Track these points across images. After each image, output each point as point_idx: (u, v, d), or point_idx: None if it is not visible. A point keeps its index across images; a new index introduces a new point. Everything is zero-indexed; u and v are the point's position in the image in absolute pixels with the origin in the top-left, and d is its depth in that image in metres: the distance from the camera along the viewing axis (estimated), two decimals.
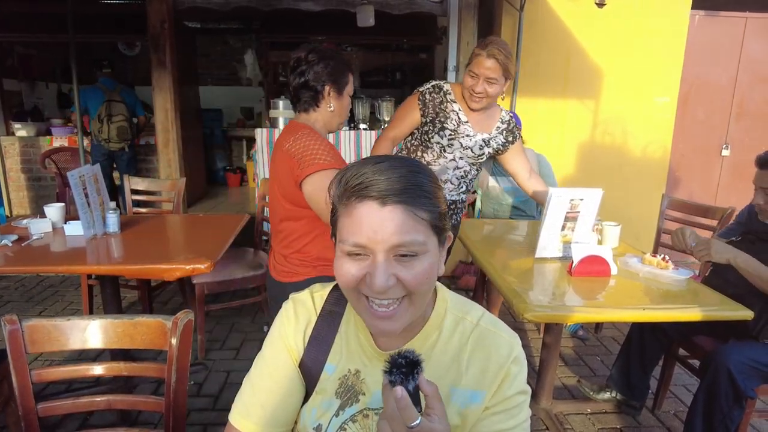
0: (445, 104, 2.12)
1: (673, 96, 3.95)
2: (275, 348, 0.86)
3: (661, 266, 1.93)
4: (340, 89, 1.63)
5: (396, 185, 0.69)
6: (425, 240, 0.70)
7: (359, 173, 0.70)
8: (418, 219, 0.69)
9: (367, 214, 0.69)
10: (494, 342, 0.80)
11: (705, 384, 1.77)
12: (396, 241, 0.68)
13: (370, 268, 0.70)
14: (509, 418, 0.77)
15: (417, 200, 0.69)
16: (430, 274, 0.72)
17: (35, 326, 1.15)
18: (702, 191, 4.32)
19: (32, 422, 1.14)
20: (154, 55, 3.68)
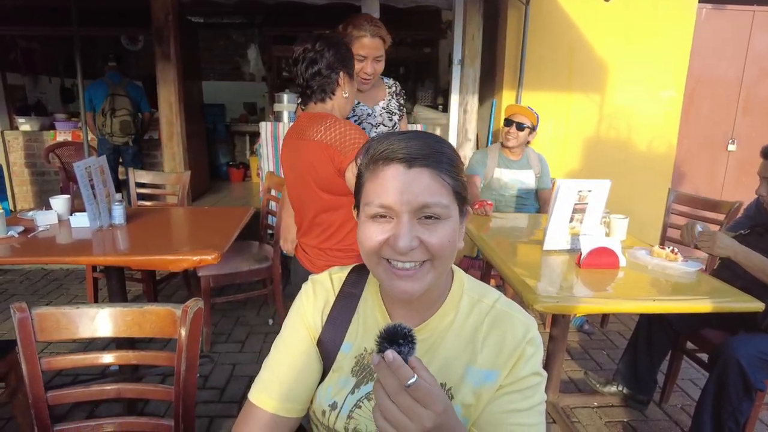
0: None
1: (679, 90, 3.93)
2: (294, 326, 0.87)
3: (669, 258, 1.93)
4: (351, 74, 1.63)
5: (422, 150, 0.72)
6: (449, 204, 0.72)
7: (386, 141, 0.73)
8: (443, 182, 0.72)
9: (394, 176, 0.71)
10: (510, 322, 0.80)
11: (714, 376, 1.76)
12: (422, 202, 0.70)
13: (395, 230, 0.71)
14: (523, 399, 0.76)
15: (441, 165, 0.72)
16: (452, 239, 0.73)
17: (44, 314, 1.15)
18: (707, 186, 4.30)
19: (42, 410, 1.13)
20: (159, 48, 3.67)
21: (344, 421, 0.81)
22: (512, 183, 3.00)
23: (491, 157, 3.00)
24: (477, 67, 3.69)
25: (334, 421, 0.81)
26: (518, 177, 3.00)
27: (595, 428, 2.15)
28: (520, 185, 3.01)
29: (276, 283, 2.83)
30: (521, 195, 3.03)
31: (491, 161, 2.99)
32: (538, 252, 2.02)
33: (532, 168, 3.04)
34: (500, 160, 3.00)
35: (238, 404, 2.26)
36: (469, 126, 3.78)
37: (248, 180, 6.54)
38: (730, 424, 1.73)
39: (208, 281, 2.58)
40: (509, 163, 3.01)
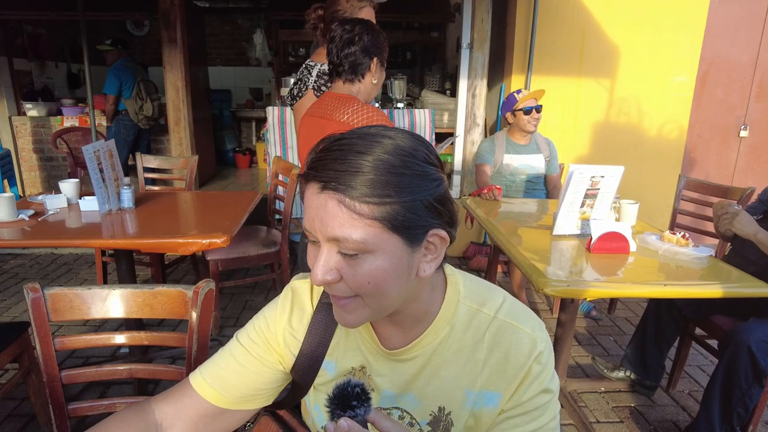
0: None
1: (692, 75, 3.87)
2: (262, 328, 0.81)
3: (680, 244, 1.91)
4: (383, 62, 1.66)
5: (340, 169, 0.58)
6: (366, 239, 0.58)
7: (321, 147, 0.62)
8: (355, 215, 0.57)
9: (309, 198, 0.61)
10: (514, 338, 0.70)
11: (724, 362, 1.76)
12: (328, 234, 0.59)
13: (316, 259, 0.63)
14: (530, 421, 0.69)
15: (363, 191, 0.57)
16: (378, 278, 0.61)
17: (57, 295, 1.16)
18: (718, 173, 4.25)
19: (56, 389, 1.15)
20: (165, 32, 3.65)
21: None
22: (522, 168, 2.98)
23: (498, 144, 2.98)
24: (486, 52, 3.65)
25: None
26: (528, 162, 2.99)
27: (602, 413, 2.16)
28: (530, 170, 3.00)
29: (284, 268, 2.83)
30: (531, 180, 3.01)
31: (498, 148, 2.97)
32: (548, 237, 2.01)
33: (541, 152, 3.02)
34: (508, 146, 2.98)
35: None
36: (477, 111, 3.75)
37: (255, 166, 6.54)
38: (739, 409, 1.73)
39: (217, 265, 2.59)
40: (518, 149, 2.99)
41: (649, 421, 2.12)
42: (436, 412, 0.73)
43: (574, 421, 2.07)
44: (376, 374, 0.76)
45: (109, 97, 4.37)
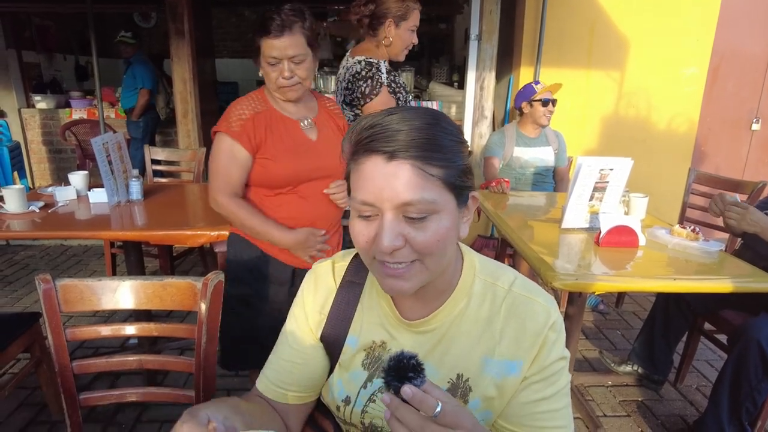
0: None
1: (703, 67, 3.81)
2: (294, 320, 0.86)
3: (690, 238, 1.89)
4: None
5: (405, 138, 0.63)
6: (436, 199, 0.64)
7: (369, 125, 0.65)
8: (428, 177, 0.63)
9: (373, 170, 0.64)
10: (529, 309, 0.75)
11: (733, 357, 1.75)
12: (402, 200, 0.63)
13: (378, 229, 0.65)
14: (548, 386, 0.74)
15: (428, 155, 0.63)
16: (443, 237, 0.66)
17: (68, 286, 1.17)
18: (729, 166, 4.21)
19: (68, 379, 1.16)
20: (173, 25, 3.65)
21: (359, 416, 0.80)
22: (532, 161, 2.96)
23: (508, 137, 2.97)
24: (494, 43, 3.62)
25: (350, 415, 0.81)
26: (538, 155, 2.97)
27: (609, 407, 2.16)
28: (540, 163, 2.98)
29: None
30: (541, 172, 3.00)
31: (508, 141, 2.95)
32: (556, 230, 2.00)
33: (550, 144, 3.00)
34: (518, 139, 2.96)
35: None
36: (485, 103, 3.72)
37: None
38: (748, 404, 1.72)
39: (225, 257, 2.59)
40: (528, 141, 2.97)
41: (657, 416, 2.11)
42: (454, 379, 0.76)
43: (581, 414, 2.07)
44: (398, 346, 0.79)
45: (144, 91, 4.40)
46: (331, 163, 1.59)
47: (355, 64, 1.97)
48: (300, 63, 1.48)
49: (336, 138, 1.63)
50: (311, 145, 1.59)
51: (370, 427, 0.80)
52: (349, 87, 1.99)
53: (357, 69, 1.96)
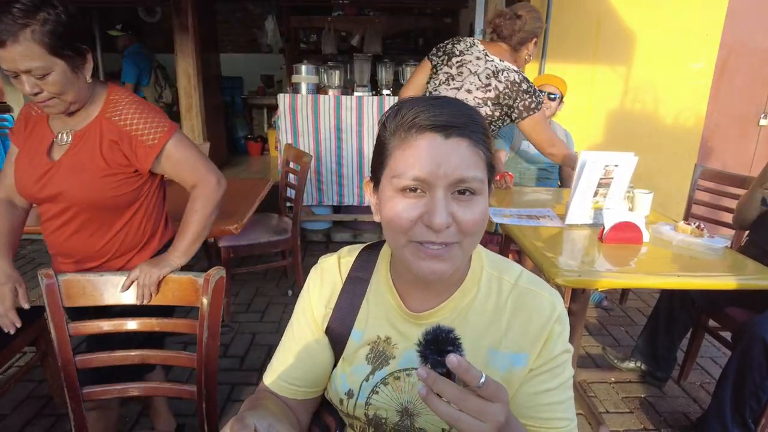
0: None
1: (711, 61, 3.77)
2: (301, 314, 0.87)
3: (695, 234, 1.88)
4: None
5: (459, 119, 0.66)
6: (484, 178, 0.68)
7: (416, 107, 0.67)
8: (479, 155, 0.67)
9: (429, 146, 0.65)
10: (535, 302, 0.76)
11: (737, 354, 1.74)
12: (459, 175, 0.65)
13: (428, 206, 0.66)
14: (553, 378, 0.75)
15: (478, 136, 0.67)
16: (485, 217, 0.69)
17: (70, 281, 1.18)
18: (736, 162, 4.17)
19: (71, 373, 1.17)
20: (177, 20, 3.65)
21: (363, 409, 0.80)
22: (538, 156, 2.94)
23: (517, 130, 2.95)
24: None
25: (353, 408, 0.81)
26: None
27: (612, 403, 2.16)
28: (545, 159, 2.96)
29: (295, 255, 2.85)
30: (546, 168, 2.98)
31: (518, 134, 2.94)
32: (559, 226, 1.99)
33: None
34: None
35: (258, 372, 2.31)
36: None
37: (266, 153, 6.54)
38: (752, 402, 1.71)
39: (228, 252, 2.61)
40: None
41: (659, 412, 2.11)
42: None
43: (583, 410, 2.06)
44: (404, 340, 0.79)
45: (127, 86, 4.31)
46: (68, 191, 1.28)
47: (512, 72, 2.12)
48: (44, 77, 1.14)
49: (94, 161, 1.27)
50: (47, 166, 1.28)
51: (374, 419, 0.81)
52: (509, 94, 2.11)
53: (518, 79, 2.11)
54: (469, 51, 2.17)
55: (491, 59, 2.15)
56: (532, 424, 0.75)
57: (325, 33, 6.13)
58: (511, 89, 2.11)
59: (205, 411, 1.22)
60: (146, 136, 1.30)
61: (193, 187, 1.43)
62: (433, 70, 2.28)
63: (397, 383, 0.79)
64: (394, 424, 0.79)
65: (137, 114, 1.30)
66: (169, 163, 1.36)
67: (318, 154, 3.88)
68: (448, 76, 2.18)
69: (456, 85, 2.16)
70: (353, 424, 0.85)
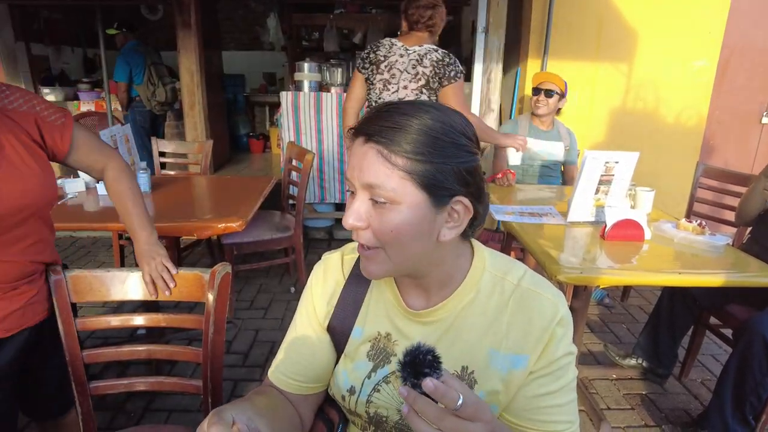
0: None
1: (713, 59, 3.77)
2: (304, 310, 0.88)
3: (696, 232, 1.89)
4: None
5: (382, 125, 0.66)
6: (396, 189, 0.65)
7: (374, 110, 0.70)
8: (389, 164, 0.65)
9: (354, 148, 0.70)
10: (537, 304, 0.75)
11: (738, 351, 1.75)
12: (366, 181, 0.67)
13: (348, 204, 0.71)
14: (554, 381, 0.74)
15: (399, 147, 0.65)
16: (399, 229, 0.67)
17: (78, 277, 1.19)
18: (738, 160, 4.17)
19: (78, 367, 1.18)
20: (179, 17, 3.65)
21: (364, 406, 0.81)
22: (541, 154, 2.95)
23: (522, 126, 2.96)
24: (501, 35, 3.59)
25: (355, 405, 0.82)
26: (547, 148, 2.96)
27: (614, 400, 2.17)
28: (548, 156, 2.97)
29: (298, 252, 2.86)
30: (548, 166, 2.98)
31: (521, 130, 2.94)
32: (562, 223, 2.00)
33: (561, 140, 2.99)
34: (530, 130, 2.96)
35: (262, 368, 2.32)
36: (492, 96, 3.71)
37: (268, 151, 6.55)
38: (752, 398, 1.72)
39: (232, 249, 2.62)
40: (539, 134, 2.96)
41: (661, 409, 2.12)
42: (459, 371, 0.77)
43: (585, 407, 2.06)
44: (404, 338, 0.80)
45: (120, 85, 4.31)
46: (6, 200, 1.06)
47: (432, 52, 2.34)
48: None
49: (23, 160, 1.10)
50: None
51: (375, 416, 0.81)
52: (437, 73, 2.34)
53: (439, 56, 2.34)
54: (391, 52, 2.39)
55: (412, 51, 2.37)
56: (532, 427, 0.75)
57: (327, 30, 6.13)
58: (437, 68, 2.34)
59: (210, 406, 1.23)
60: (53, 116, 1.18)
61: (105, 169, 1.33)
62: (368, 82, 2.45)
63: (399, 382, 0.80)
64: (395, 422, 0.80)
65: (29, 96, 1.17)
66: (82, 144, 1.25)
67: (320, 152, 3.89)
68: (384, 82, 2.39)
69: (393, 88, 2.39)
70: (355, 421, 0.86)
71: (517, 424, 0.76)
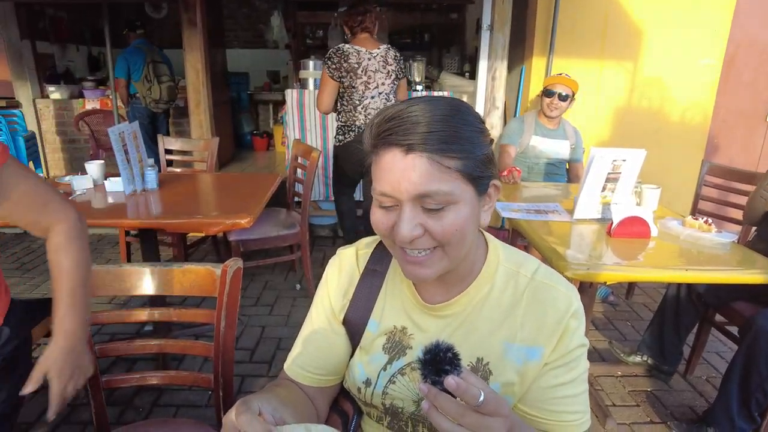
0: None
1: (719, 57, 3.76)
2: (319, 304, 0.89)
3: (703, 229, 1.89)
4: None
5: (422, 132, 0.64)
6: (453, 190, 0.66)
7: (389, 117, 0.67)
8: (444, 169, 0.65)
9: (391, 162, 0.66)
10: (551, 296, 0.76)
11: (744, 348, 1.75)
12: (419, 192, 0.65)
13: (397, 218, 0.68)
14: (568, 372, 0.76)
15: (445, 147, 0.65)
16: (461, 226, 0.68)
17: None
18: (743, 158, 4.16)
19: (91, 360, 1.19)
20: (185, 15, 3.66)
21: (380, 398, 0.82)
22: (547, 152, 2.96)
23: (527, 124, 2.96)
24: (506, 33, 3.59)
25: (371, 397, 0.83)
26: (553, 146, 2.96)
27: (619, 397, 2.17)
28: (554, 155, 2.97)
29: (303, 249, 2.87)
30: (554, 164, 2.99)
31: (527, 129, 2.95)
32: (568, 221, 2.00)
33: (567, 139, 2.99)
34: (537, 128, 2.96)
35: (268, 364, 2.34)
36: (497, 94, 3.71)
37: (272, 149, 6.57)
38: (758, 395, 1.73)
39: (239, 246, 2.63)
40: (546, 132, 2.96)
41: (666, 406, 2.12)
42: (474, 362, 0.78)
43: (590, 404, 2.08)
44: (420, 331, 0.81)
45: (119, 81, 4.36)
46: None
47: (390, 51, 2.83)
48: None
49: None
50: None
51: (391, 407, 0.82)
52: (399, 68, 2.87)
53: (396, 54, 2.86)
54: (359, 56, 2.73)
55: (375, 53, 2.77)
56: (545, 417, 0.76)
57: (331, 28, 6.13)
58: (398, 64, 2.86)
59: (222, 400, 1.24)
60: None
61: (48, 228, 1.04)
62: (347, 85, 2.77)
63: (414, 374, 0.80)
64: (411, 413, 0.81)
65: None
66: (12, 194, 0.97)
67: (325, 150, 3.90)
68: (364, 84, 2.77)
69: (373, 85, 2.78)
70: (370, 412, 0.87)
71: (531, 414, 0.77)
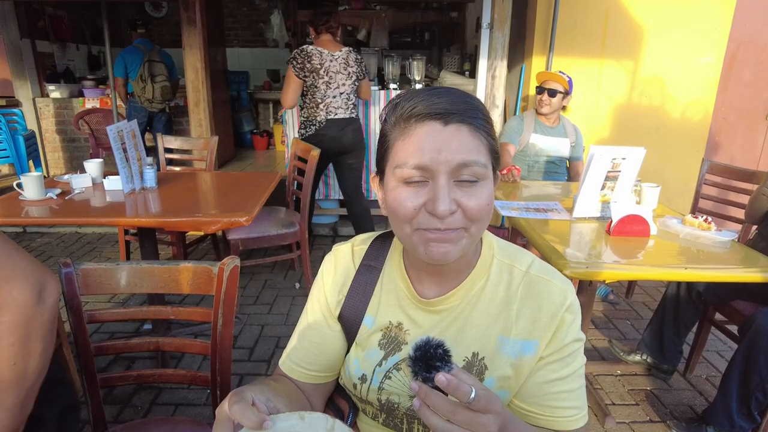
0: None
1: (719, 56, 3.76)
2: (315, 300, 0.88)
3: (702, 228, 1.89)
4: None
5: (457, 105, 0.66)
6: (487, 163, 0.68)
7: (415, 98, 0.68)
8: (480, 140, 0.67)
9: (429, 133, 0.66)
10: (546, 290, 0.76)
11: (743, 347, 1.74)
12: (461, 160, 0.65)
13: (431, 193, 0.66)
14: (564, 367, 0.75)
15: (478, 122, 0.67)
16: (490, 203, 0.69)
17: (87, 270, 1.20)
18: (743, 157, 4.16)
19: (89, 359, 1.19)
20: (185, 13, 3.66)
21: (376, 393, 0.82)
22: (546, 150, 2.96)
23: (527, 123, 2.96)
24: (506, 32, 3.58)
25: (366, 393, 0.82)
26: (553, 144, 2.96)
27: (618, 396, 2.17)
28: (554, 152, 2.97)
29: (303, 248, 2.87)
30: (554, 162, 2.99)
31: (527, 127, 2.95)
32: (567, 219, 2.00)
33: (567, 137, 2.99)
34: (536, 126, 2.96)
35: (267, 363, 2.34)
36: (497, 92, 3.70)
37: (272, 148, 6.56)
38: (758, 394, 1.72)
39: (238, 244, 2.63)
40: (545, 130, 2.96)
41: (665, 405, 2.12)
42: (469, 357, 0.78)
43: (589, 403, 2.08)
44: (415, 326, 0.81)
45: (117, 80, 4.38)
46: None
47: (351, 53, 3.03)
48: None
49: None
50: None
51: (387, 403, 0.82)
52: (360, 70, 3.06)
53: (357, 56, 3.04)
54: (322, 58, 2.90)
55: (335, 55, 2.95)
56: (542, 413, 0.76)
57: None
58: (359, 66, 3.04)
59: (219, 398, 1.24)
60: None
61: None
62: (310, 84, 2.93)
63: (410, 369, 0.80)
64: (407, 409, 0.81)
65: None
66: None
67: None
68: (326, 84, 2.94)
69: (334, 85, 2.95)
70: (366, 409, 0.87)
71: (527, 410, 0.77)
